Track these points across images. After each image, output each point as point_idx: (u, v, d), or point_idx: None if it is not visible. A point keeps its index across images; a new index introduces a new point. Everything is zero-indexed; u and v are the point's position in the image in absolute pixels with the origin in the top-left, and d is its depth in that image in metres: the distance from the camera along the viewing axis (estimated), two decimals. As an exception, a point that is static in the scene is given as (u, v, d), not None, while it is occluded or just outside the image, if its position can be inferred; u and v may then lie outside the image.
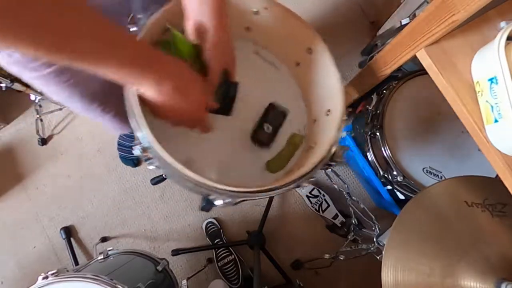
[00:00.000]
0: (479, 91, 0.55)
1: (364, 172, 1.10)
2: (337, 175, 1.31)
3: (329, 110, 0.63)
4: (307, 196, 1.35)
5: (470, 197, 0.71)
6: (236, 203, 0.56)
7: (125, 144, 1.34)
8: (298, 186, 0.55)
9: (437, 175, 0.97)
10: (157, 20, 0.57)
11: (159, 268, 0.95)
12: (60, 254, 1.34)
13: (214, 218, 1.35)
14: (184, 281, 0.91)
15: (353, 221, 1.25)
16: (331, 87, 0.62)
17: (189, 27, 0.54)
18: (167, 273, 0.99)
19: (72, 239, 1.33)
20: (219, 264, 1.30)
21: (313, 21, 1.49)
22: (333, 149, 0.58)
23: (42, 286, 0.74)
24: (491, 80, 0.52)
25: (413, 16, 1.03)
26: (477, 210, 0.70)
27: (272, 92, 0.69)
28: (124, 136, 1.34)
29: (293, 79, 0.71)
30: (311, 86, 0.69)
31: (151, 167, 0.53)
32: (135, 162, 1.37)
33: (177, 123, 0.55)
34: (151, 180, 1.33)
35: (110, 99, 0.79)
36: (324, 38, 0.62)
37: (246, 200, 0.54)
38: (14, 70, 0.61)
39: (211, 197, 0.53)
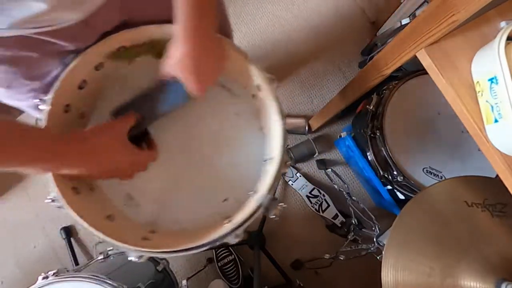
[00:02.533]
0: (479, 91, 0.55)
1: (364, 172, 1.10)
2: (337, 175, 1.31)
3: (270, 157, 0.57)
4: (307, 196, 1.35)
5: (470, 197, 0.71)
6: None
7: None
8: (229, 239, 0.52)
9: (437, 175, 0.97)
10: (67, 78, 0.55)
11: (159, 268, 0.95)
12: (60, 254, 1.34)
13: (214, 218, 1.35)
14: (184, 281, 0.91)
15: (353, 221, 1.25)
16: (272, 132, 0.57)
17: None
18: (167, 273, 0.99)
19: (72, 239, 1.33)
20: (219, 264, 1.30)
21: (313, 21, 1.50)
22: (268, 198, 0.52)
23: (42, 286, 0.74)
24: (491, 80, 0.52)
25: (413, 16, 1.03)
26: (477, 210, 0.70)
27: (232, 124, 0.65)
28: None
29: (251, 109, 0.65)
30: None
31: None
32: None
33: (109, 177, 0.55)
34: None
35: None
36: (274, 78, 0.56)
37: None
38: None
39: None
